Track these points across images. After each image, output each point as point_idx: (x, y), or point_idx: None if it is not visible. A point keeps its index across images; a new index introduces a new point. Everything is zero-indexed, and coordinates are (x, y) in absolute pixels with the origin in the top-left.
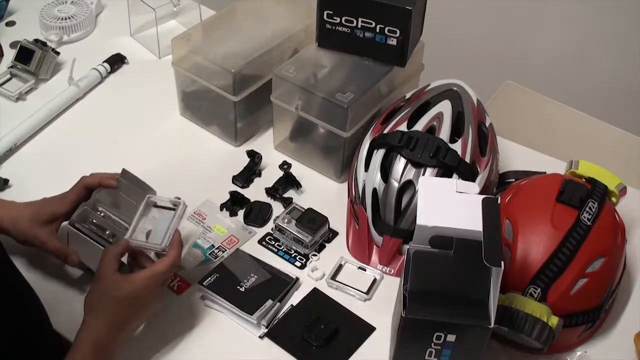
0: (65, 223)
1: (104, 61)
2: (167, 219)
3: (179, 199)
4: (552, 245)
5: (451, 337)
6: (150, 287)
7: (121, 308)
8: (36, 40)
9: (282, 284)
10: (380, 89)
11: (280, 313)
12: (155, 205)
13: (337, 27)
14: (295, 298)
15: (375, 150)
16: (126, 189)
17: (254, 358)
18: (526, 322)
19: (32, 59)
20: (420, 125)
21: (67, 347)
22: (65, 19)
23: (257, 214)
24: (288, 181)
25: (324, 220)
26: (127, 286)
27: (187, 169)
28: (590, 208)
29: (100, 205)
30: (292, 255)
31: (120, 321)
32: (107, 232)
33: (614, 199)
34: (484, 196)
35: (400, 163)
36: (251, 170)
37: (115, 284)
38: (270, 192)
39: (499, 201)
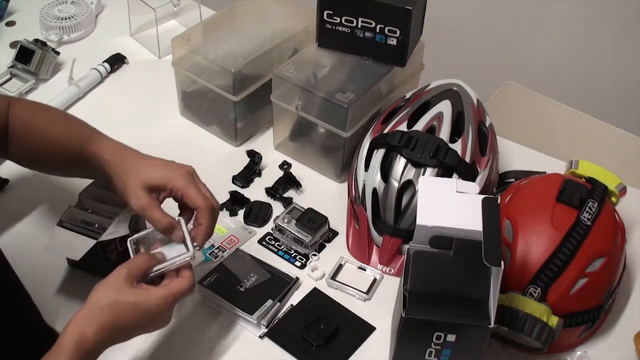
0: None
1: (104, 61)
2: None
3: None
4: (552, 245)
5: (451, 337)
6: (160, 306)
7: (121, 317)
8: (36, 40)
9: (282, 284)
10: (380, 89)
11: (280, 313)
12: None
13: (337, 27)
14: (295, 298)
15: (375, 150)
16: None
17: (254, 358)
18: (526, 322)
19: (32, 59)
20: (420, 125)
21: None
22: (65, 19)
23: (257, 214)
24: (288, 181)
25: (324, 220)
26: (138, 296)
27: None
28: (590, 208)
29: (87, 203)
30: (292, 255)
31: (113, 330)
32: (96, 226)
33: (614, 199)
34: (484, 196)
35: (400, 163)
36: (251, 170)
37: (128, 289)
38: (270, 192)
39: (499, 201)
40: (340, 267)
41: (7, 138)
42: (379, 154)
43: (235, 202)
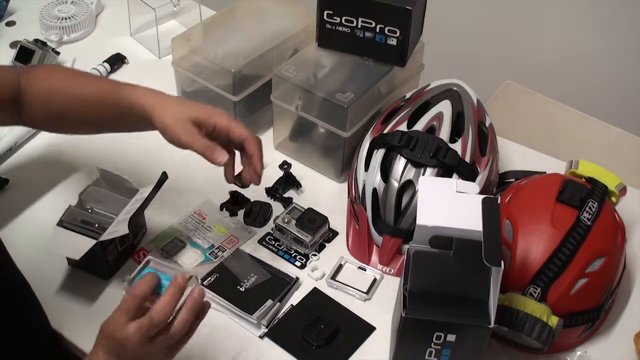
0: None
1: (104, 61)
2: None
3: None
4: (552, 245)
5: (451, 337)
6: (137, 341)
7: (119, 352)
8: (36, 40)
9: (282, 284)
10: (380, 89)
11: (280, 313)
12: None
13: (337, 27)
14: (295, 298)
15: (375, 150)
16: (107, 185)
17: (254, 358)
18: (526, 322)
19: (32, 59)
20: (420, 125)
21: (65, 347)
22: (65, 19)
23: (257, 214)
24: (288, 181)
25: (324, 220)
26: (121, 331)
27: (187, 169)
28: (590, 208)
29: (87, 203)
30: (292, 255)
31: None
32: (96, 225)
33: (614, 199)
34: (484, 196)
35: (400, 163)
36: None
37: (118, 323)
38: (270, 192)
39: (499, 201)
40: (340, 267)
41: (23, 106)
42: (379, 154)
43: (235, 202)
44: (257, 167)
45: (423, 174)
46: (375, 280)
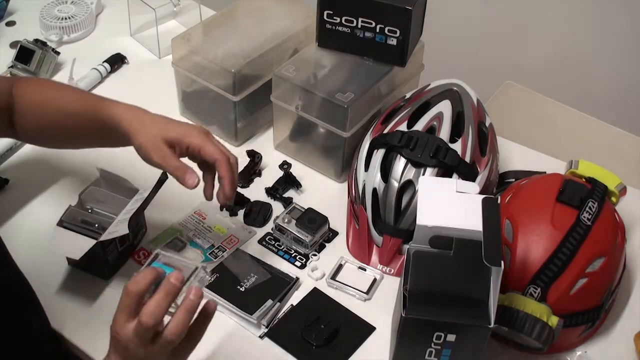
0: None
1: (104, 61)
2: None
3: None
4: (552, 245)
5: (451, 337)
6: (137, 343)
7: (125, 355)
8: (36, 40)
9: (282, 284)
10: (380, 89)
11: (280, 313)
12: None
13: (337, 27)
14: (295, 298)
15: (375, 150)
16: (107, 185)
17: (254, 358)
18: (526, 322)
19: (32, 59)
20: (420, 125)
21: (65, 347)
22: (65, 18)
23: (257, 214)
24: (288, 181)
25: (324, 220)
26: (122, 332)
27: None
28: (590, 208)
29: (87, 203)
30: (292, 255)
31: None
32: (96, 225)
33: (614, 199)
34: (484, 196)
35: (400, 163)
36: (251, 170)
37: (118, 323)
38: (270, 192)
39: (499, 201)
40: (340, 267)
41: (15, 116)
42: (379, 154)
43: (235, 202)
44: (226, 191)
45: (423, 174)
46: (375, 280)
